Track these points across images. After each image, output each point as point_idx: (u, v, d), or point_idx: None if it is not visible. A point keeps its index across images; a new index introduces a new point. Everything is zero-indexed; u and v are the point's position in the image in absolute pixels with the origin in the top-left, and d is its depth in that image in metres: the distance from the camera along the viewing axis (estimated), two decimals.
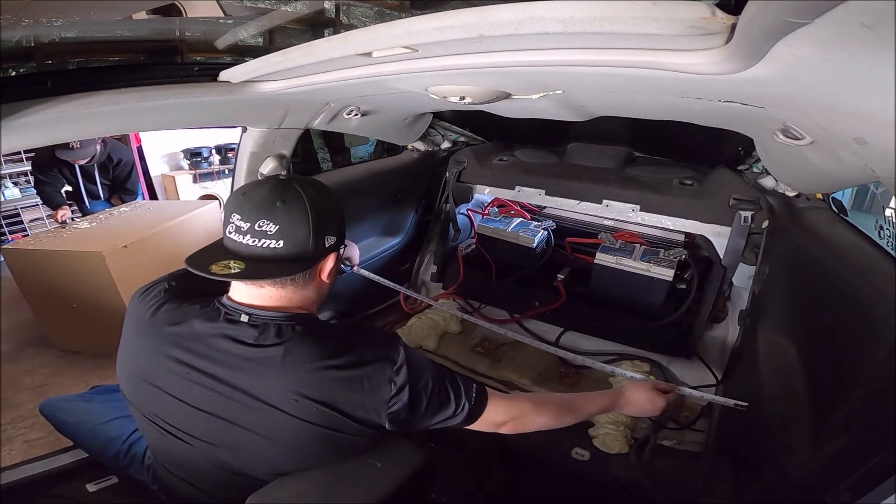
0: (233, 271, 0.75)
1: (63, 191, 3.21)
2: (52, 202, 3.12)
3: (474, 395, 0.91)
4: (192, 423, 0.83)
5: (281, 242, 0.77)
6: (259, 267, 0.77)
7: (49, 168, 3.02)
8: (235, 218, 0.78)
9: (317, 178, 0.89)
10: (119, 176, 3.27)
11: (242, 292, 0.84)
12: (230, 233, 0.79)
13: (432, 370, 0.88)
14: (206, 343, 0.80)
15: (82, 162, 3.01)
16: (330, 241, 0.83)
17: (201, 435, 0.83)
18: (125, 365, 0.88)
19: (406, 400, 0.81)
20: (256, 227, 0.76)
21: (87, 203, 3.23)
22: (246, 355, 0.78)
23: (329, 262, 0.85)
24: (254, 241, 0.77)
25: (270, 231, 0.77)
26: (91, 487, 1.24)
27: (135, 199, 3.42)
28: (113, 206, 3.26)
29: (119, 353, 0.89)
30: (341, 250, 0.89)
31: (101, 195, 3.27)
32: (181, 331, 0.82)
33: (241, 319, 0.81)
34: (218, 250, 0.80)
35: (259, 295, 0.83)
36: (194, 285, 0.88)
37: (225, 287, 0.86)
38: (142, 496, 1.04)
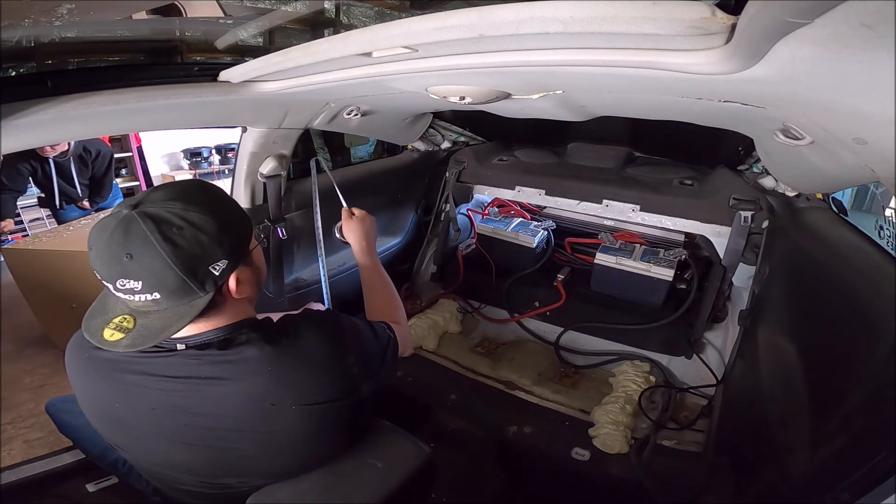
0: (121, 338, 0.69)
1: (37, 196, 2.92)
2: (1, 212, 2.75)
3: (389, 336, 0.93)
4: (179, 459, 0.81)
5: (157, 294, 0.67)
6: (149, 322, 0.69)
7: (18, 162, 2.66)
8: (98, 276, 0.68)
9: (182, 189, 0.71)
10: (98, 171, 2.95)
11: None
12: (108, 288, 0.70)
13: (365, 331, 0.89)
14: (156, 377, 0.75)
15: (53, 153, 2.69)
16: (219, 267, 0.70)
17: (190, 468, 0.82)
18: (92, 416, 0.84)
19: (359, 362, 0.82)
20: (120, 286, 0.66)
21: (63, 206, 2.93)
22: (200, 375, 0.74)
23: (233, 282, 0.74)
24: (129, 297, 0.68)
25: (137, 287, 0.66)
26: (91, 487, 1.24)
27: (106, 202, 3.06)
28: (82, 209, 2.97)
29: (80, 405, 0.85)
30: (262, 243, 0.81)
31: (81, 194, 2.93)
32: (122, 365, 0.76)
33: (178, 348, 0.75)
34: (113, 301, 0.72)
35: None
36: None
37: None
38: (142, 496, 1.05)
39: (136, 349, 0.70)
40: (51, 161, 2.74)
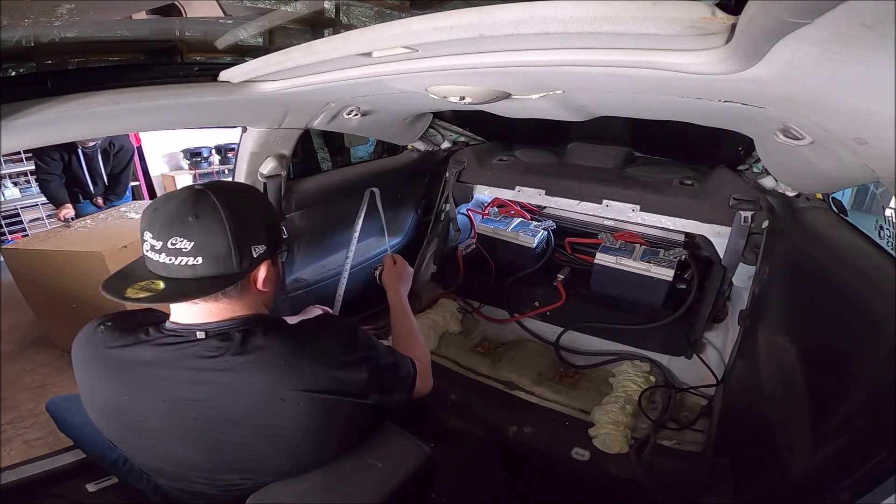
0: (149, 294, 0.71)
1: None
2: (56, 198, 2.92)
3: (412, 370, 1.00)
4: (184, 455, 0.81)
5: (199, 259, 0.72)
6: (179, 286, 0.73)
7: (49, 152, 2.80)
8: (148, 236, 0.73)
9: (242, 183, 0.81)
10: (118, 166, 3.07)
11: (183, 313, 0.80)
12: (147, 251, 0.74)
13: (382, 348, 0.94)
14: (172, 368, 0.76)
15: (89, 144, 2.85)
16: (258, 250, 0.78)
17: (195, 464, 0.82)
18: (95, 411, 0.85)
19: (371, 370, 0.85)
20: (170, 245, 0.71)
21: (80, 200, 3.06)
22: (216, 367, 0.75)
23: (262, 272, 0.80)
24: (170, 260, 0.72)
25: (186, 248, 0.71)
26: (91, 487, 1.24)
27: (121, 200, 3.19)
28: (97, 206, 3.07)
29: (84, 401, 0.85)
30: (282, 257, 0.87)
31: (96, 190, 3.06)
32: (137, 357, 0.78)
33: (198, 337, 0.77)
34: (140, 269, 0.76)
35: (199, 312, 0.79)
36: (130, 322, 0.82)
37: (163, 316, 0.83)
38: (142, 496, 1.04)
39: (153, 303, 0.75)
40: (79, 151, 2.84)
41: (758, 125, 0.98)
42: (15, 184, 3.97)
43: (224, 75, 1.08)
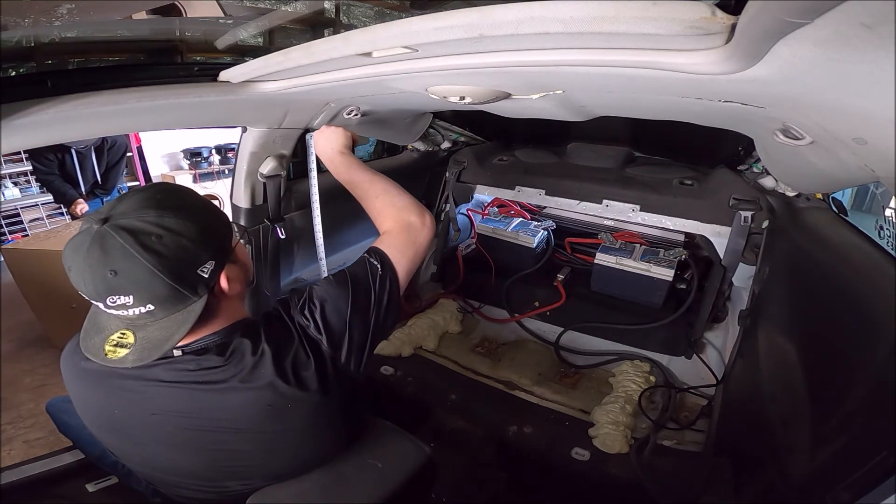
0: (126, 354, 0.68)
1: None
2: (65, 196, 2.83)
3: (378, 265, 0.87)
4: (182, 465, 0.80)
5: (150, 306, 0.66)
6: (147, 336, 0.69)
7: (44, 153, 2.74)
8: (85, 296, 0.67)
9: (152, 193, 0.69)
10: (111, 160, 3.00)
11: None
12: (98, 308, 0.69)
13: (341, 294, 0.82)
14: (153, 383, 0.74)
15: (80, 145, 2.77)
16: (207, 269, 0.70)
17: (193, 473, 0.82)
18: (89, 422, 0.84)
19: (330, 322, 0.79)
20: (111, 303, 0.65)
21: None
22: (198, 380, 0.74)
23: (223, 281, 0.74)
24: (122, 313, 0.66)
25: (129, 303, 0.65)
26: (91, 487, 1.24)
27: (110, 195, 3.09)
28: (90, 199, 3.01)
29: (78, 412, 0.84)
30: (244, 239, 0.79)
31: (98, 178, 2.98)
32: (118, 372, 0.75)
33: (175, 355, 0.73)
34: (103, 317, 0.72)
35: None
36: None
37: None
38: (142, 497, 1.05)
39: (144, 363, 0.69)
40: (73, 151, 2.80)
41: (758, 125, 0.98)
42: (15, 184, 3.96)
43: (224, 75, 1.08)
